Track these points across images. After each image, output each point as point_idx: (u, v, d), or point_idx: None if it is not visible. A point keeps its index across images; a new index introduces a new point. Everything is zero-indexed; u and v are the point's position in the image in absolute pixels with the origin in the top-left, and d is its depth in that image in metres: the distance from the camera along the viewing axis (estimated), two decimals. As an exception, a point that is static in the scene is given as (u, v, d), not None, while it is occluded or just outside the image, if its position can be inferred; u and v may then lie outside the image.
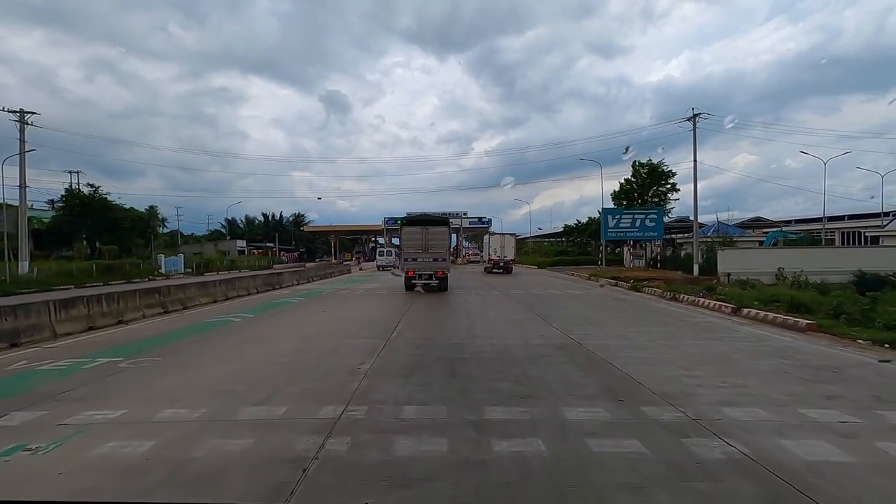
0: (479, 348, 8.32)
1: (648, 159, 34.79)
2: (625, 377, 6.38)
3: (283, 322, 11.93)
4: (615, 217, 34.59)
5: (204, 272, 51.62)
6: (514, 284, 24.71)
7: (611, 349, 8.10)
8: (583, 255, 50.16)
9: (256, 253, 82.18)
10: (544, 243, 63.39)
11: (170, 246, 77.98)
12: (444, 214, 70.34)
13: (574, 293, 19.53)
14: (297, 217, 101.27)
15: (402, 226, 20.78)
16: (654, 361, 7.28)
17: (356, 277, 32.55)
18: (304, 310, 14.38)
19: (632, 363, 7.07)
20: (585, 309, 14.13)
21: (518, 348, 8.32)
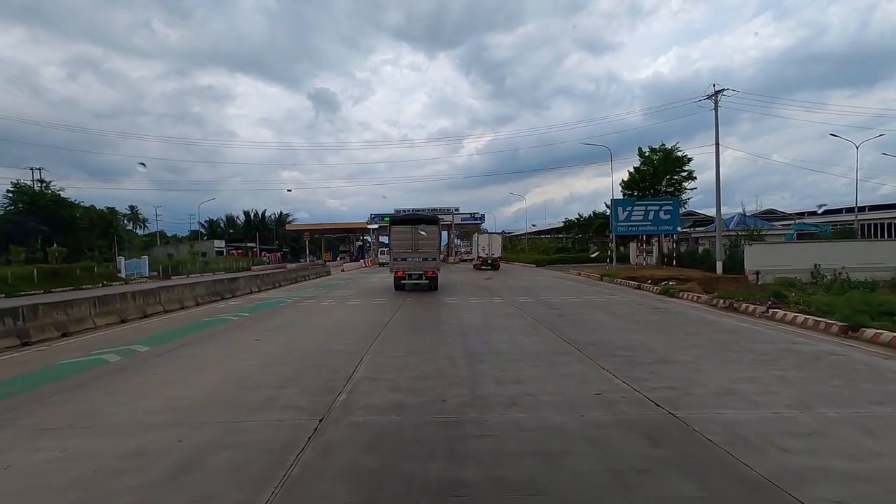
0: (497, 446, 4.13)
1: (661, 144, 31.02)
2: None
3: (173, 368, 7.37)
4: (626, 209, 30.75)
5: (172, 275, 47.29)
6: (516, 288, 20.71)
7: (753, 437, 4.10)
8: (585, 252, 46.32)
9: (236, 254, 77.54)
10: (542, 240, 59.48)
11: (149, 247, 73.53)
12: (435, 211, 66.29)
13: (597, 301, 15.55)
14: (280, 216, 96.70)
15: (391, 225, 19.88)
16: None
17: (333, 281, 28.34)
18: (231, 337, 10.08)
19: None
20: (629, 329, 10.11)
21: (572, 438, 4.24)
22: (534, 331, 9.95)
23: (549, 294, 17.92)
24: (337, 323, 11.85)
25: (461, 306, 14.50)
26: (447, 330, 10.19)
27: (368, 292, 19.33)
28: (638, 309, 13.37)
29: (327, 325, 11.53)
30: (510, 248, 69.10)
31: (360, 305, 15.40)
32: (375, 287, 22.86)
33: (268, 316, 13.35)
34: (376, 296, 18.04)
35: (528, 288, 20.83)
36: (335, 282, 27.56)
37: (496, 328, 10.49)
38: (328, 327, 11.24)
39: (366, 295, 18.57)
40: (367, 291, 20.19)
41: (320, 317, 13.02)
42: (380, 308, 14.46)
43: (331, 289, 22.61)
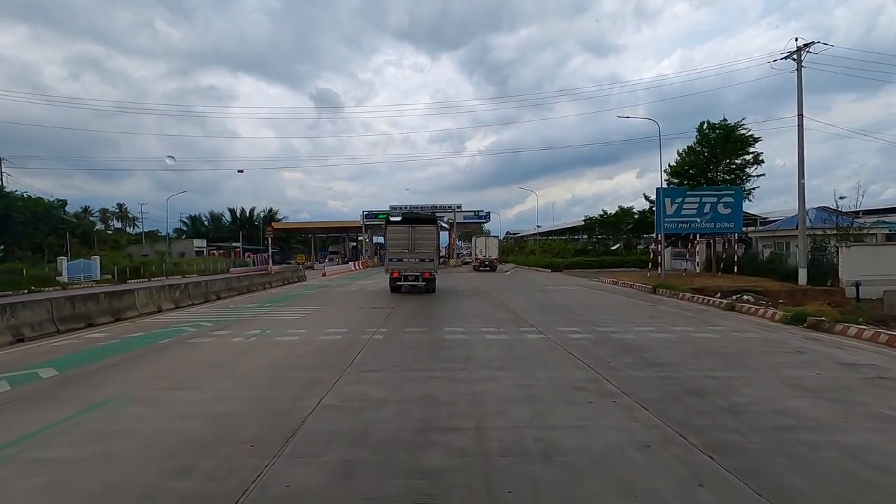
0: None
1: (723, 119, 24.42)
2: None
3: None
4: (676, 201, 24.19)
5: (129, 279, 40.80)
6: (548, 307, 14.12)
7: None
8: (608, 254, 39.75)
9: (217, 254, 71.10)
10: (555, 241, 52.91)
11: (130, 245, 67.43)
12: (435, 209, 59.64)
13: (704, 339, 8.94)
14: (269, 214, 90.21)
15: (387, 224, 19.08)
16: None
17: (297, 291, 21.78)
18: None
19: None
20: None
21: None
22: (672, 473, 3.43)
23: (604, 319, 11.35)
24: (208, 409, 5.25)
25: (475, 354, 7.90)
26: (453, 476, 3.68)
27: (328, 317, 12.87)
28: (819, 361, 6.83)
29: (167, 431, 4.95)
30: (517, 251, 62.62)
31: (296, 344, 8.83)
32: (347, 302, 16.37)
33: (83, 381, 6.73)
34: (338, 322, 11.53)
35: (566, 307, 14.27)
36: (299, 292, 21.00)
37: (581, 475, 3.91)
38: (164, 438, 4.65)
39: (325, 320, 12.09)
40: (330, 313, 13.74)
41: (193, 390, 6.30)
42: (327, 355, 7.89)
43: (285, 304, 16.10)
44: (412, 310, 13.68)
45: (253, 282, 21.76)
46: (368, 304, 15.55)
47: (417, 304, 15.31)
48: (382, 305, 14.79)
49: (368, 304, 15.27)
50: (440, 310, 13.73)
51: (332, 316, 12.70)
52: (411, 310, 13.68)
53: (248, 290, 20.61)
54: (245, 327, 10.71)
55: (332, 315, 12.89)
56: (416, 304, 15.05)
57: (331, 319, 11.96)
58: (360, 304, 15.42)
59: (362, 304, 15.66)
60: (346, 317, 12.45)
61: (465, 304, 15.43)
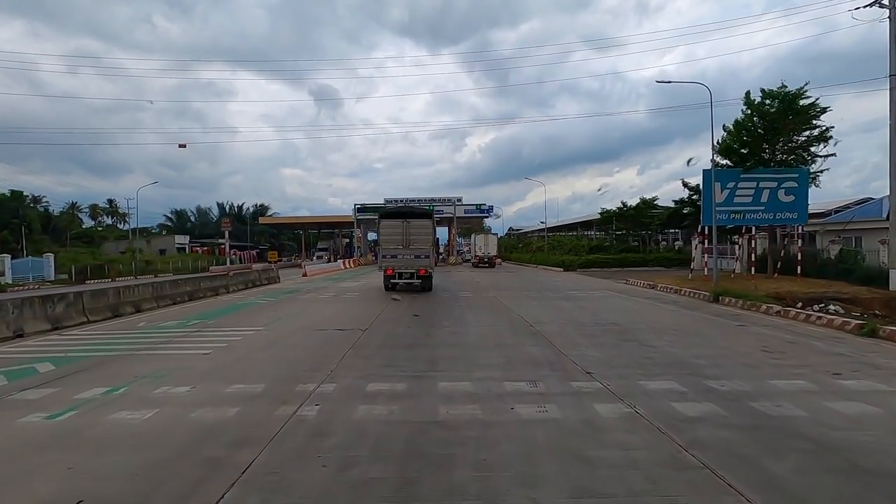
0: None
1: (782, 84, 19.78)
2: None
3: None
4: (727, 186, 19.64)
5: (89, 279, 36.41)
6: (592, 325, 9.50)
7: None
8: (628, 251, 35.22)
9: (201, 251, 66.56)
10: (566, 237, 48.38)
11: (111, 241, 63.23)
12: (434, 202, 54.97)
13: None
14: (258, 208, 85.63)
15: (380, 218, 17.97)
16: None
17: (252, 299, 17.25)
18: None
19: None
20: None
21: None
22: None
23: (700, 358, 6.75)
24: None
25: (510, 482, 3.36)
26: None
27: (254, 353, 8.38)
28: None
29: None
30: (522, 248, 58.18)
31: (97, 452, 4.33)
32: (306, 318, 11.86)
33: None
34: (261, 367, 7.05)
35: (618, 328, 9.73)
36: (256, 300, 16.51)
37: None
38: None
39: (243, 360, 7.61)
40: (264, 342, 9.25)
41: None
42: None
43: (217, 321, 11.58)
44: (391, 335, 9.16)
45: (200, 287, 17.18)
46: (334, 321, 11.06)
47: (401, 323, 10.81)
48: (352, 326, 10.29)
49: (333, 323, 10.76)
50: (433, 335, 9.19)
51: (263, 348, 8.17)
52: (390, 335, 9.17)
53: (190, 297, 16.08)
54: (80, 385, 6.09)
55: (266, 346, 8.37)
56: (400, 324, 10.55)
57: (254, 358, 7.44)
58: (320, 322, 10.92)
59: (325, 320, 11.17)
60: (283, 351, 7.94)
61: (470, 321, 10.92)
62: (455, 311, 12.61)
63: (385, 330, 9.70)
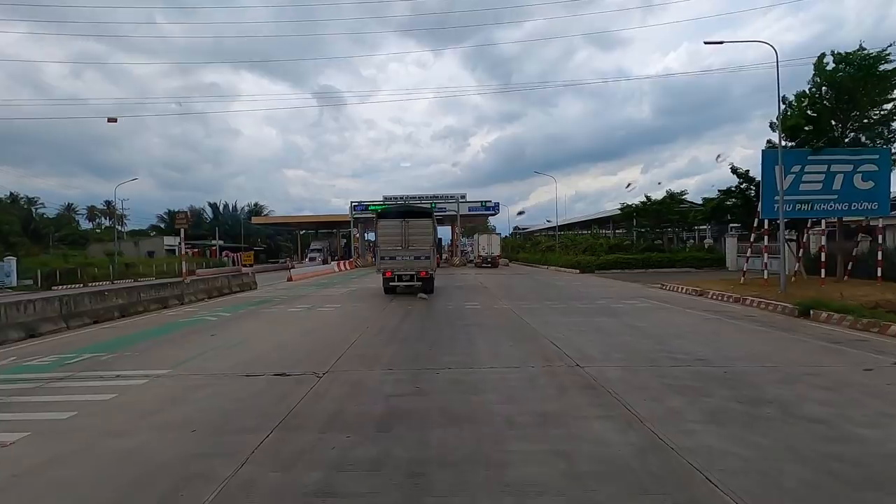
0: None
1: (860, 46, 16.15)
2: None
3: None
4: (791, 170, 15.98)
5: (60, 284, 33.25)
6: (684, 369, 5.85)
7: None
8: (651, 250, 31.56)
9: (192, 253, 63.28)
10: (578, 236, 44.80)
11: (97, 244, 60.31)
12: (437, 199, 51.26)
13: None
14: (254, 208, 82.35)
15: (378, 218, 17.30)
16: None
17: (203, 315, 13.83)
18: None
19: None
20: None
21: None
22: None
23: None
24: None
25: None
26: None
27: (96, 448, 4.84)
28: None
29: None
30: (529, 248, 54.65)
31: None
32: (248, 353, 8.38)
33: None
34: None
35: (721, 377, 6.16)
36: (206, 316, 13.07)
37: None
38: None
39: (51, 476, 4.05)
40: (141, 410, 5.74)
41: None
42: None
43: (135, 350, 8.15)
44: (357, 391, 5.65)
45: (140, 298, 13.71)
46: (284, 355, 7.57)
47: (381, 359, 7.31)
48: (305, 366, 6.79)
49: (280, 359, 7.27)
50: (427, 390, 5.65)
51: (118, 431, 4.67)
52: (355, 390, 5.66)
53: (124, 312, 12.61)
54: None
55: (129, 426, 4.87)
56: (378, 363, 7.04)
57: (76, 468, 3.96)
58: (263, 358, 7.42)
59: (272, 353, 7.68)
60: (147, 439, 4.45)
61: (483, 356, 7.36)
62: (460, 335, 9.09)
63: (351, 378, 6.20)
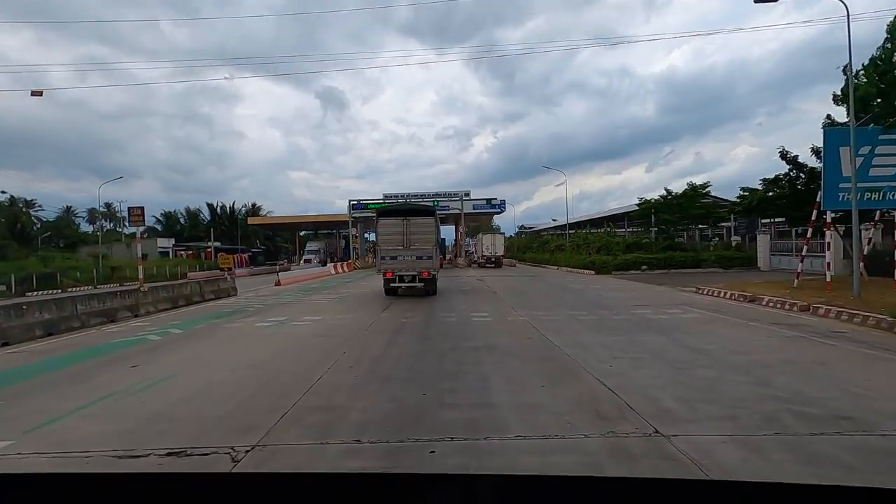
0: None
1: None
2: None
3: None
4: (860, 152, 13.37)
5: (37, 290, 31.15)
6: None
7: None
8: (674, 249, 28.94)
9: (186, 255, 61.11)
10: (591, 235, 42.20)
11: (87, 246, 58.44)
12: (439, 196, 48.83)
13: None
14: (252, 208, 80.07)
15: (378, 217, 16.70)
16: None
17: (126, 337, 11.36)
18: None
19: None
20: None
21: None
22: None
23: None
24: None
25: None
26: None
27: None
28: None
29: None
30: (537, 248, 52.08)
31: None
32: (154, 404, 5.86)
33: None
34: None
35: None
36: (139, 338, 10.60)
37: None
38: None
39: None
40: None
41: None
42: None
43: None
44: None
45: (75, 312, 11.26)
46: (204, 415, 5.06)
47: (329, 441, 4.79)
48: (221, 435, 4.30)
49: (199, 419, 4.79)
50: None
51: None
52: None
53: (50, 329, 10.17)
54: None
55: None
56: (327, 445, 4.52)
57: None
58: (176, 417, 4.93)
59: (188, 413, 5.16)
60: None
61: (505, 412, 4.78)
62: (468, 367, 6.58)
63: (289, 462, 3.73)
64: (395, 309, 13.28)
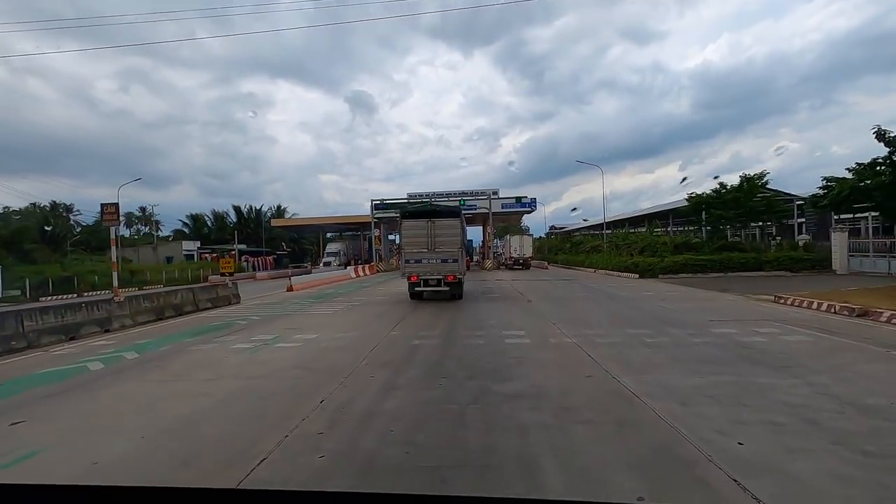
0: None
1: None
2: None
3: None
4: None
5: (50, 295, 30.29)
6: None
7: None
8: (730, 249, 25.58)
9: (210, 258, 60.50)
10: (632, 234, 38.94)
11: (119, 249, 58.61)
12: (466, 195, 46.42)
13: None
14: (276, 210, 79.50)
15: (402, 219, 15.93)
16: None
17: (54, 366, 9.29)
18: None
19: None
20: None
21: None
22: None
23: None
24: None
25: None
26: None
27: None
28: None
29: None
30: (571, 249, 49.04)
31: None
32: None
33: None
34: None
35: None
36: (71, 369, 8.54)
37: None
38: None
39: None
40: None
41: None
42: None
43: None
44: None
45: (17, 330, 9.31)
46: None
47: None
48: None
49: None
50: None
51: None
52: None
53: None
54: None
55: None
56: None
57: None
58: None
59: None
60: None
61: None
62: (504, 438, 4.13)
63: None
64: (410, 323, 10.91)
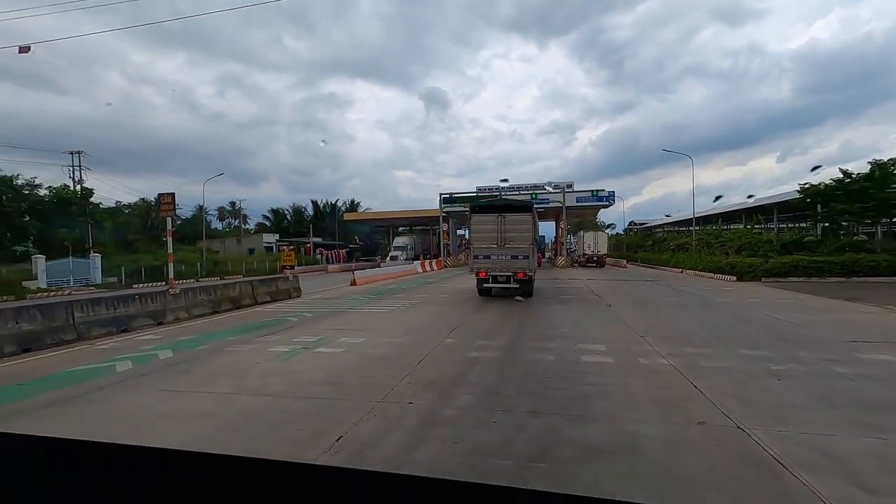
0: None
1: None
2: None
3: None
4: None
5: (142, 283, 32.44)
6: None
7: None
8: (855, 249, 21.61)
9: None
10: (727, 231, 34.86)
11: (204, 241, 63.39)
12: (537, 188, 44.38)
13: None
14: (350, 205, 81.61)
15: (471, 213, 15.35)
16: None
17: (71, 367, 8.81)
18: None
19: None
20: None
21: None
22: None
23: None
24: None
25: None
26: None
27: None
28: None
29: None
30: (652, 246, 45.25)
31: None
32: None
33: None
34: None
35: None
36: (87, 370, 8.03)
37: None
38: None
39: None
40: None
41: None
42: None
43: None
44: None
45: (68, 322, 9.15)
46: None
47: None
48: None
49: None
50: None
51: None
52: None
53: (27, 346, 8.08)
54: None
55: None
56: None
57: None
58: None
59: None
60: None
61: None
62: None
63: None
64: (469, 328, 9.60)
